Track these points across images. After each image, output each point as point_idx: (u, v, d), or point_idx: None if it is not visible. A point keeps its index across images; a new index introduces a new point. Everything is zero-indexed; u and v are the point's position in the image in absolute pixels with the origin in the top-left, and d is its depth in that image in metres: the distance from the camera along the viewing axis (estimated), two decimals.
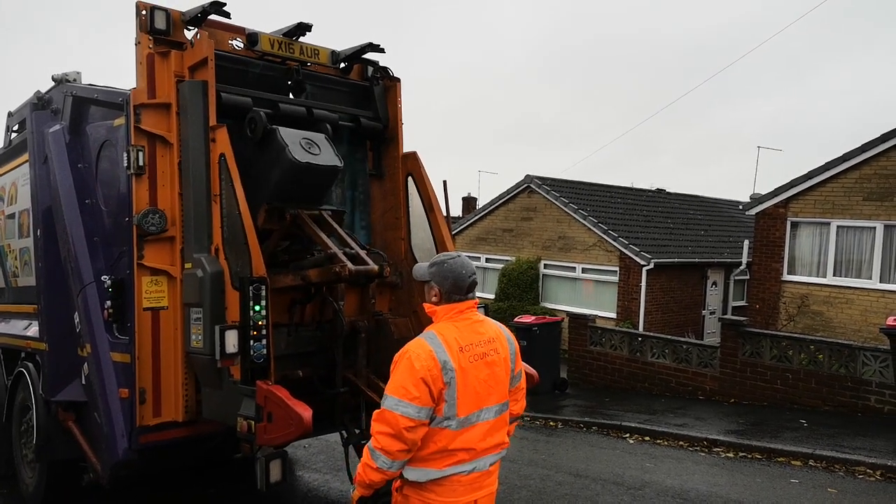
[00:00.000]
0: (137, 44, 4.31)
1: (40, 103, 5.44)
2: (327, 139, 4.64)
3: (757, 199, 13.81)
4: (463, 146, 75.56)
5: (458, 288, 2.79)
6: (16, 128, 6.11)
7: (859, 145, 11.87)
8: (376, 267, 4.43)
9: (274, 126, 4.39)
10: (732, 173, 70.40)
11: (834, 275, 12.37)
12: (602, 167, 67.63)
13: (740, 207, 16.85)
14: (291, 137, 4.36)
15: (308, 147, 4.39)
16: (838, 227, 12.29)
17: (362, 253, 4.56)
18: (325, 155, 4.48)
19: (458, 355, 2.65)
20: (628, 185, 21.53)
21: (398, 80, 5.42)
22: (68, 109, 5.04)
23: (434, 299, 2.82)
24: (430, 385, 2.57)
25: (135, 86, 4.31)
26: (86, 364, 4.59)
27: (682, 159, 70.01)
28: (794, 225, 12.91)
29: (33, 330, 5.40)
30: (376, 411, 2.64)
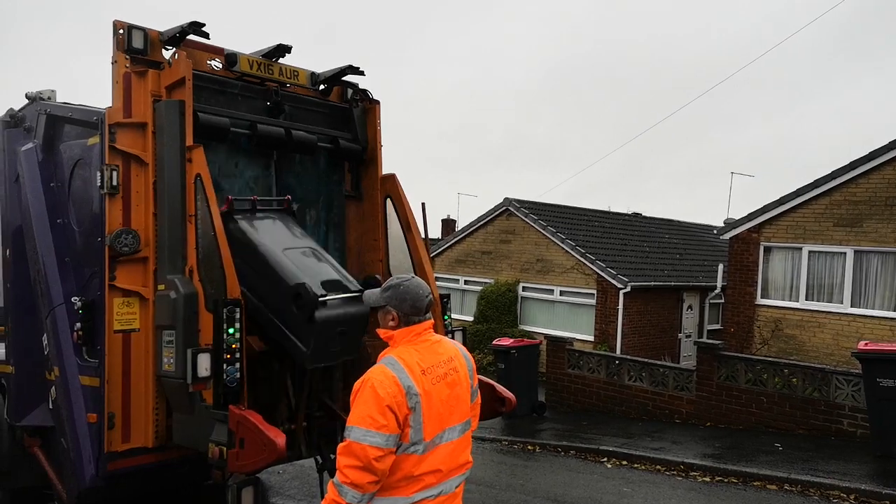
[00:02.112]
0: (114, 63, 4.27)
1: (13, 121, 5.37)
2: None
3: (731, 224, 14.02)
4: (451, 167, 75.67)
5: (416, 309, 2.76)
6: None
7: (829, 172, 12.14)
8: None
9: (321, 301, 3.94)
10: (721, 197, 71.38)
11: (806, 299, 12.56)
12: (591, 190, 68.09)
13: (714, 232, 17.10)
14: (326, 328, 3.98)
15: (333, 343, 4.10)
16: (810, 251, 12.51)
17: None
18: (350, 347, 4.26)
19: (421, 378, 2.61)
20: (606, 208, 21.80)
21: (378, 102, 5.44)
22: (41, 128, 4.97)
23: (392, 323, 2.77)
24: (395, 412, 2.51)
25: (110, 104, 4.27)
26: (53, 388, 4.48)
27: (670, 183, 70.65)
28: (767, 249, 13.12)
29: (0, 352, 5.26)
30: (341, 445, 2.55)
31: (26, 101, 5.30)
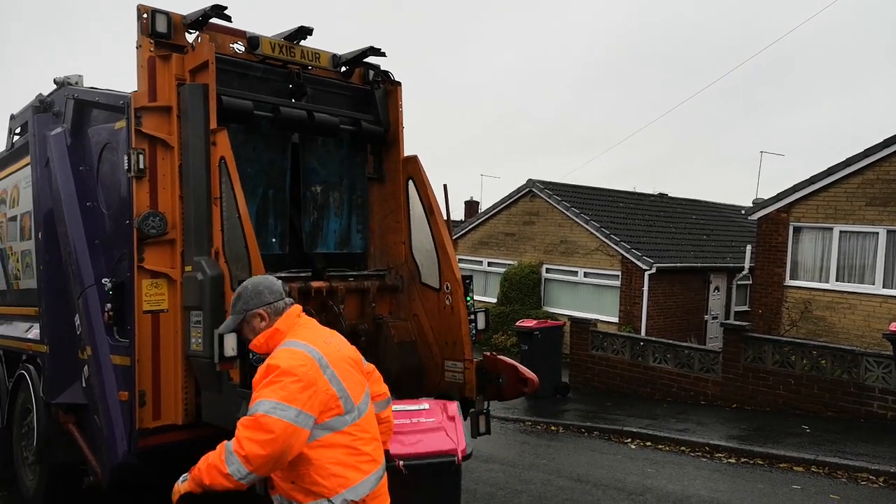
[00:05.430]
0: (139, 47, 4.32)
1: (42, 106, 5.46)
2: None
3: (759, 204, 13.79)
4: (492, 152, 74.47)
5: (277, 293, 2.66)
6: (18, 130, 6.13)
7: (862, 150, 11.85)
8: None
9: None
10: (767, 178, 68.96)
11: (837, 280, 12.33)
12: (631, 172, 66.38)
13: (742, 212, 16.81)
14: None
15: None
16: (841, 232, 12.25)
17: None
18: None
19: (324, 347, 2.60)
20: (631, 188, 21.55)
21: (399, 83, 5.43)
22: (70, 112, 5.05)
23: (263, 324, 2.63)
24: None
25: (136, 89, 4.32)
26: (86, 367, 4.60)
27: (715, 165, 68.45)
28: (797, 230, 12.88)
29: (34, 332, 5.41)
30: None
31: (55, 87, 5.39)
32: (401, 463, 3.03)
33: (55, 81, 5.34)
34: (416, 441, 3.49)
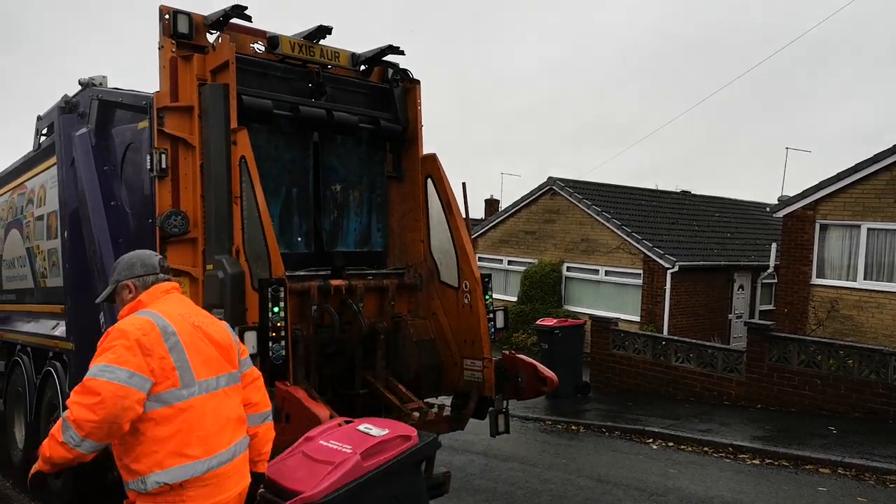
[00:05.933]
0: (161, 47, 4.37)
1: (67, 107, 5.55)
2: None
3: (785, 202, 13.56)
4: (510, 151, 73.86)
5: (150, 266, 2.60)
6: (45, 131, 6.24)
7: (891, 146, 11.59)
8: None
9: None
10: (795, 175, 67.42)
11: (864, 278, 12.08)
12: (651, 169, 65.21)
13: (768, 210, 16.55)
14: None
15: None
16: (869, 229, 12.01)
17: None
18: None
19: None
20: (653, 186, 21.33)
21: (418, 81, 5.43)
22: (94, 113, 5.13)
23: (130, 296, 2.57)
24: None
25: (158, 89, 4.38)
26: None
27: (741, 163, 67.12)
28: (823, 227, 12.64)
29: (60, 330, 5.50)
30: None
31: (79, 88, 5.47)
32: (261, 491, 2.82)
33: (80, 82, 5.43)
34: (300, 471, 3.01)
